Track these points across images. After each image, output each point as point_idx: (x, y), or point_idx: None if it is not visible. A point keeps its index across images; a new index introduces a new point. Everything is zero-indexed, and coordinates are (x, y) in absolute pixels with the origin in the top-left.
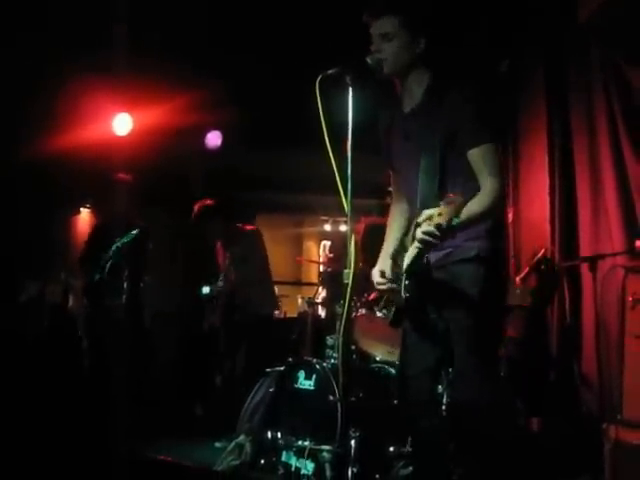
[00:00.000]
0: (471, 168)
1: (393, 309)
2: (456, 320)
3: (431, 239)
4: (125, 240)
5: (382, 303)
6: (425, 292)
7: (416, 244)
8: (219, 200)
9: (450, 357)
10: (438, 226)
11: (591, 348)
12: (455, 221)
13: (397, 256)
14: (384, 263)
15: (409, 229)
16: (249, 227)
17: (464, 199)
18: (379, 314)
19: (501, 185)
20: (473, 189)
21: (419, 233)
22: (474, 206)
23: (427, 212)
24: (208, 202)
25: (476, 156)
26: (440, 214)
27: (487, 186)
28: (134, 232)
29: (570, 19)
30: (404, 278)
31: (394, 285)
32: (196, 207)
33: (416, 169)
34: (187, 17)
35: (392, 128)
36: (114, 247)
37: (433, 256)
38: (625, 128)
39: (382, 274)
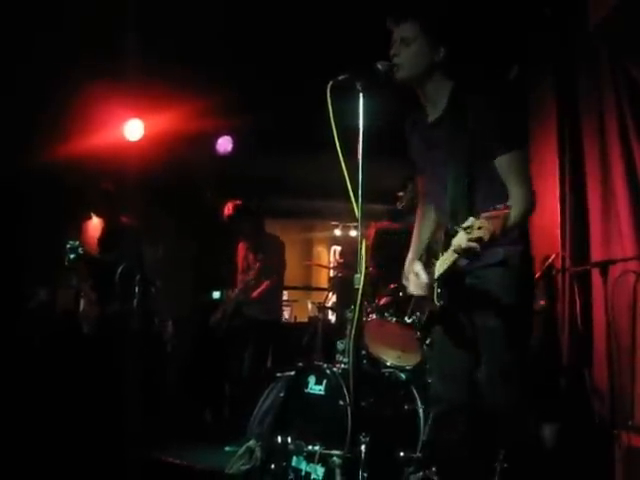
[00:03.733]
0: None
1: (425, 316)
2: (485, 325)
3: (469, 251)
4: (70, 257)
5: (410, 309)
6: (457, 298)
7: (453, 253)
8: (251, 201)
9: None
10: (479, 240)
11: (602, 354)
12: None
13: (425, 260)
14: (416, 266)
15: (438, 235)
16: (273, 234)
17: (506, 215)
18: (408, 320)
19: (529, 194)
20: (502, 195)
21: (457, 242)
22: (512, 217)
23: (468, 221)
24: (239, 202)
25: (503, 164)
26: (480, 227)
27: (515, 197)
28: (69, 245)
29: (580, 24)
30: (437, 286)
31: (428, 290)
32: (229, 206)
33: (442, 177)
34: (199, 23)
35: (414, 136)
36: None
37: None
38: (636, 132)
39: (418, 276)
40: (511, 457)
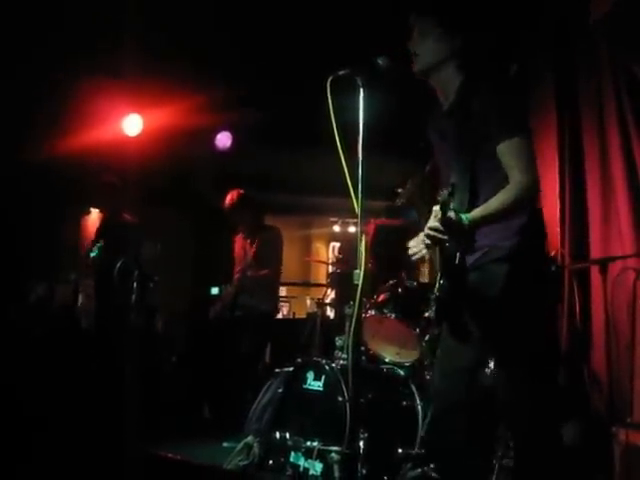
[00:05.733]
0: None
1: (434, 309)
2: (488, 322)
3: (436, 234)
4: (94, 254)
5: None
6: (460, 293)
7: (425, 239)
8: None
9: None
10: (444, 221)
11: (601, 351)
12: (466, 218)
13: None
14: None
15: None
16: (273, 225)
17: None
18: (426, 314)
19: (528, 180)
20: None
21: (426, 229)
22: (493, 202)
23: (434, 208)
24: (241, 191)
25: (504, 150)
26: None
27: (512, 181)
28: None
29: (581, 20)
30: (438, 277)
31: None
32: (233, 194)
33: (451, 171)
34: (198, 18)
35: (436, 132)
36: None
37: (470, 257)
38: (636, 128)
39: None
40: (525, 455)
